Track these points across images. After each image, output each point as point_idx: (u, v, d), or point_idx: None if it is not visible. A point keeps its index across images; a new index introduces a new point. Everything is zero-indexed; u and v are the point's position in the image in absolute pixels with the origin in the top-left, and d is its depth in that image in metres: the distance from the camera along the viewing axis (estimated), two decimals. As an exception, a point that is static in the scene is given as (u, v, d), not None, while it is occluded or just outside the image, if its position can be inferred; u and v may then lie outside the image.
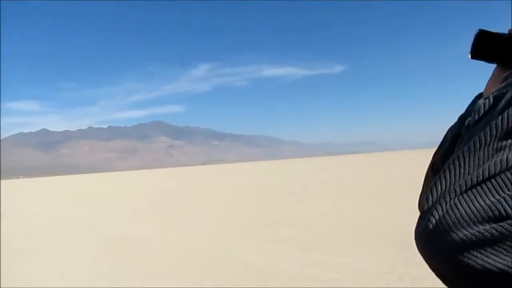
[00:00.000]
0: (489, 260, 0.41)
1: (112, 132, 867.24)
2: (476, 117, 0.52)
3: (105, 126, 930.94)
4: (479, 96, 0.66)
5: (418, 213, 0.52)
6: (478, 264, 0.42)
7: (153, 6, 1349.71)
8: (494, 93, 0.53)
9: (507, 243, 0.41)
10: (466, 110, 0.65)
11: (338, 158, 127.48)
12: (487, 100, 0.53)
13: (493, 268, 0.41)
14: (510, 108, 0.48)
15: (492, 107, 0.51)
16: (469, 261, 0.42)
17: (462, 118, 0.64)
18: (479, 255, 0.42)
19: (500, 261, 0.41)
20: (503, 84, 0.54)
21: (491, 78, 0.68)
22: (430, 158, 0.68)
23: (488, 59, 0.70)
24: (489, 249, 0.42)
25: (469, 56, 0.70)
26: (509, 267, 0.41)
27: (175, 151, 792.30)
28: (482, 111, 0.52)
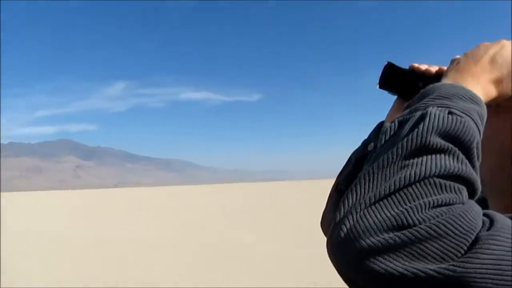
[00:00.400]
0: (391, 265, 0.47)
1: (14, 149, 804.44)
2: (383, 139, 0.60)
3: (6, 142, 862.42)
4: (381, 124, 0.77)
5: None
6: (382, 268, 0.47)
7: (68, 14, 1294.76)
8: (399, 118, 0.61)
9: (406, 249, 0.47)
10: (369, 136, 0.76)
11: (254, 184, 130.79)
12: (393, 124, 0.60)
13: (394, 272, 0.47)
14: (413, 132, 0.56)
15: (398, 130, 0.59)
16: (374, 265, 0.48)
17: (365, 143, 0.75)
18: (382, 260, 0.47)
19: (400, 265, 0.47)
20: (407, 111, 0.62)
21: (392, 108, 0.83)
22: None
23: (391, 91, 0.81)
24: (391, 255, 0.47)
25: (377, 86, 0.80)
26: (407, 270, 0.47)
27: (84, 173, 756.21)
28: (389, 134, 0.60)
